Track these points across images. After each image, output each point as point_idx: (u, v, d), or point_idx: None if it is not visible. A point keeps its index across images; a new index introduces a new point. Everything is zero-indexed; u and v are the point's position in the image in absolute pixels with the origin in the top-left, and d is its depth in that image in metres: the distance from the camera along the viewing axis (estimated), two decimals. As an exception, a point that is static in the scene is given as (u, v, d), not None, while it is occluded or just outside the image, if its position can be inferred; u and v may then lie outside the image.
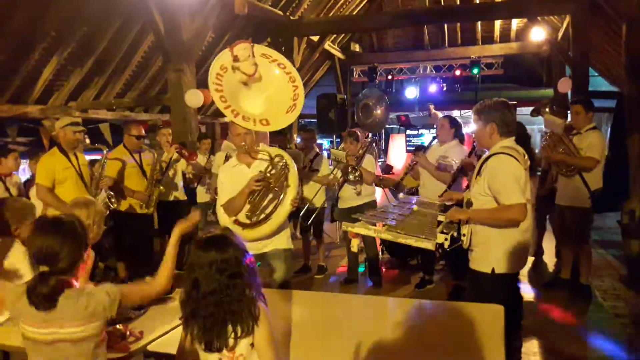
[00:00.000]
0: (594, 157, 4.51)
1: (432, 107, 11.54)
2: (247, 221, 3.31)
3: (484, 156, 2.92)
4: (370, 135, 7.75)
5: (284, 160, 3.33)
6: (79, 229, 1.94)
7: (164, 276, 2.11)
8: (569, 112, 5.21)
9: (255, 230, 3.31)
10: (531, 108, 5.31)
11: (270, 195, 3.32)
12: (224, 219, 3.41)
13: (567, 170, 4.69)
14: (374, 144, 6.50)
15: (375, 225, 2.93)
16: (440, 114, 11.73)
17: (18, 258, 2.83)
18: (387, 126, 14.72)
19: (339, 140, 9.35)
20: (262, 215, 3.31)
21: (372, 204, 5.24)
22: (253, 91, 3.45)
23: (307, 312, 2.69)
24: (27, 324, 1.89)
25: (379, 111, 8.98)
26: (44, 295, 1.82)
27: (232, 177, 3.40)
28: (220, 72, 3.36)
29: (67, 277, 1.89)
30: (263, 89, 3.46)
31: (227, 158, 4.83)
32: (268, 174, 3.30)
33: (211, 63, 3.44)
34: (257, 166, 3.37)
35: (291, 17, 10.12)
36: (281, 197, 3.29)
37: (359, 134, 5.47)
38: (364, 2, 12.63)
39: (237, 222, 3.33)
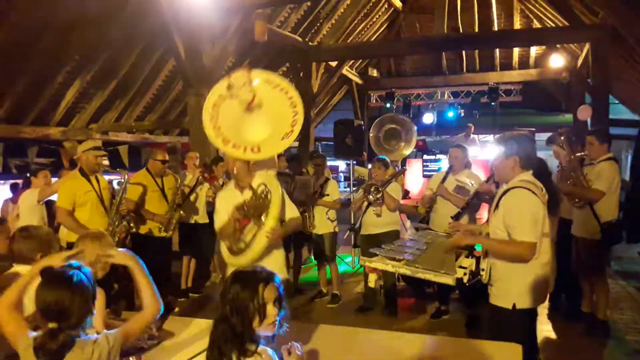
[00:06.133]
0: (599, 190, 4.39)
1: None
2: (233, 248, 3.29)
3: (502, 189, 2.87)
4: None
5: (267, 189, 3.26)
6: (87, 282, 1.86)
7: (148, 301, 2.03)
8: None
9: (239, 258, 3.25)
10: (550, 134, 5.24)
11: (251, 224, 3.26)
12: (222, 244, 3.42)
13: (576, 201, 4.62)
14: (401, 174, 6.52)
15: (393, 260, 2.90)
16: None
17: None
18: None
19: (355, 162, 9.31)
20: (242, 244, 3.26)
21: (394, 234, 5.18)
22: (255, 118, 3.41)
23: (317, 347, 2.63)
24: None
25: (403, 143, 9.05)
26: (52, 352, 1.75)
27: (226, 201, 3.38)
28: (218, 101, 3.37)
29: (76, 332, 1.81)
30: (265, 115, 3.41)
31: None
32: (248, 203, 3.24)
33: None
34: (249, 192, 3.33)
35: (310, 43, 10.26)
36: (261, 226, 3.21)
37: (389, 161, 5.49)
38: (382, 29, 12.75)
39: (229, 248, 3.33)
